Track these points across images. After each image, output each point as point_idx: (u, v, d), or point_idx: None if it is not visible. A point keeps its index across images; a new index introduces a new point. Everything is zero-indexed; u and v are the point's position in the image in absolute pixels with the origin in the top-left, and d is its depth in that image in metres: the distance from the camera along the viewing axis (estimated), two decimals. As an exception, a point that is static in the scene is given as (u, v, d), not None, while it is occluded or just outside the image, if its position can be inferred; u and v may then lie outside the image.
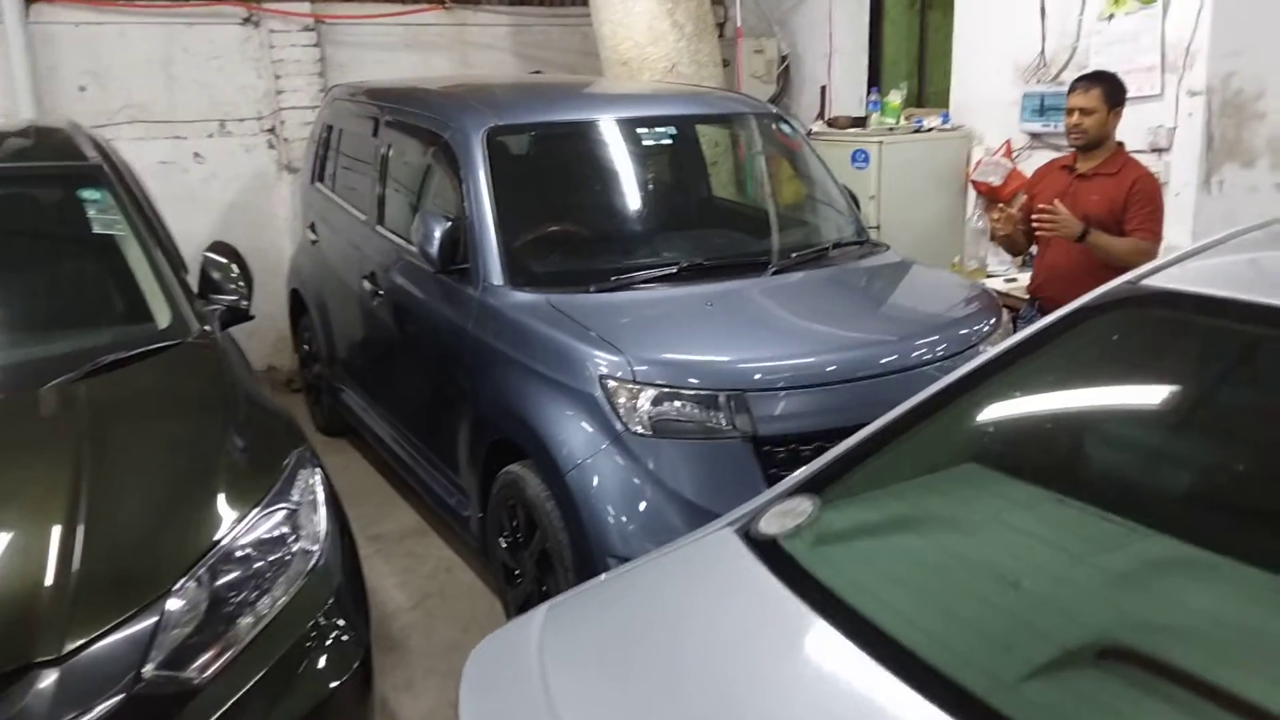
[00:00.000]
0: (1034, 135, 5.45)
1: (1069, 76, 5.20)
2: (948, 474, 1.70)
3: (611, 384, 3.12)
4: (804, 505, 1.60)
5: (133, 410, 2.60)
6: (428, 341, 4.09)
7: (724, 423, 3.09)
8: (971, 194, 5.77)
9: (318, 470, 2.53)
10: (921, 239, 5.53)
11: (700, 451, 3.11)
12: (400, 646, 3.70)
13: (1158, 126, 4.83)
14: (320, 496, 2.47)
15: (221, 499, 2.32)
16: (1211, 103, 4.73)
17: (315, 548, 2.36)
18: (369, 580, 4.08)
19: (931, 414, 1.73)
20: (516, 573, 3.60)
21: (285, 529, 2.33)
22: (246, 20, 6.17)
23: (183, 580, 2.15)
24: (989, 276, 5.21)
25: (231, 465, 2.42)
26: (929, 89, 6.55)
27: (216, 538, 2.24)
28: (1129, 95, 4.12)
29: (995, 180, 5.51)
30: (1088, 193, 4.01)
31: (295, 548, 2.34)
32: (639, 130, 4.13)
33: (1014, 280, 5.12)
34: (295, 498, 2.39)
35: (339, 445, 5.58)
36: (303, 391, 6.10)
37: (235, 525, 2.27)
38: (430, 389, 4.15)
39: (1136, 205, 3.92)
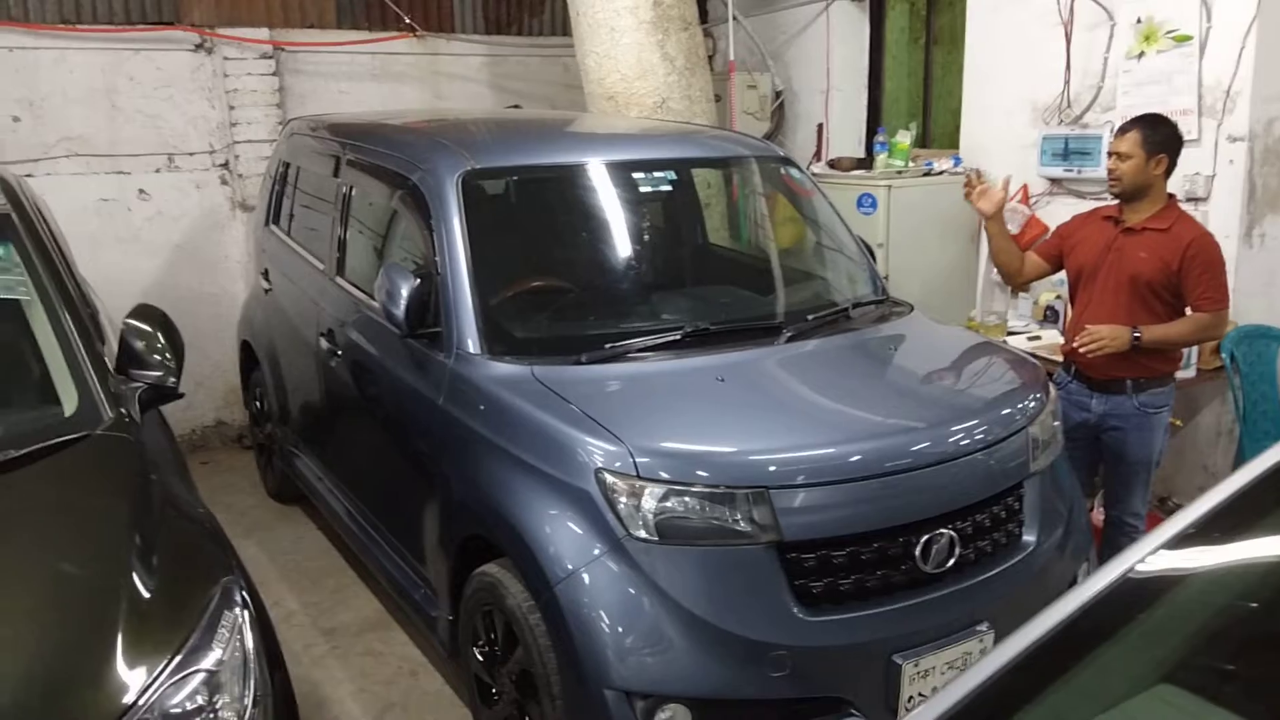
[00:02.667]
0: (1054, 181, 5.05)
1: (1092, 119, 4.84)
2: (1141, 705, 1.21)
3: (610, 478, 2.63)
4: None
5: (13, 534, 2.07)
6: (391, 412, 3.59)
7: (743, 525, 2.61)
8: (984, 243, 5.35)
9: (247, 609, 2.01)
10: (932, 290, 5.10)
11: (715, 560, 2.62)
12: (355, 776, 3.17)
13: (1194, 174, 4.43)
14: (250, 646, 1.95)
15: (121, 659, 1.80)
16: (1254, 149, 4.35)
17: (243, 717, 1.85)
18: (320, 687, 3.60)
19: (1105, 618, 1.24)
20: (494, 690, 3.08)
21: (203, 697, 1.81)
22: (199, 47, 5.67)
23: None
24: (1010, 334, 4.78)
25: (136, 610, 1.89)
26: (933, 129, 6.15)
27: (112, 714, 1.72)
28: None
29: (1011, 228, 5.08)
30: (1135, 249, 3.59)
31: (217, 717, 1.82)
32: (635, 175, 3.66)
33: (1038, 339, 4.69)
34: (217, 654, 1.88)
35: (291, 514, 5.06)
36: (254, 451, 5.56)
37: (138, 695, 1.75)
38: (394, 467, 3.63)
39: (1197, 272, 3.49)
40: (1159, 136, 3.54)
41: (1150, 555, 1.29)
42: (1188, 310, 3.59)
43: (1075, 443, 3.78)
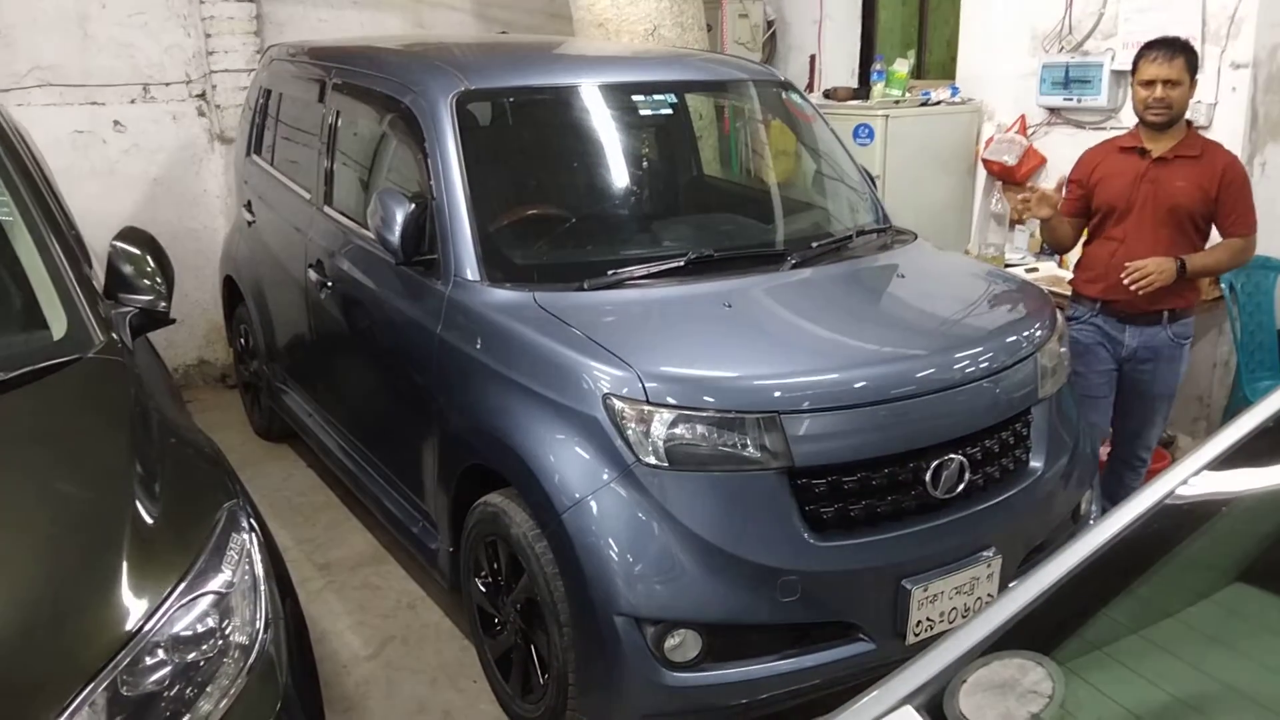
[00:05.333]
0: (1053, 110, 4.97)
1: (1093, 46, 4.76)
2: (1216, 604, 1.18)
3: (618, 404, 2.58)
4: (1032, 675, 1.06)
5: (10, 458, 1.99)
6: (386, 343, 3.51)
7: (754, 450, 2.57)
8: (982, 174, 5.29)
9: (254, 533, 1.95)
10: (929, 222, 4.99)
11: (726, 486, 2.58)
12: (357, 707, 3.14)
13: (1196, 102, 4.34)
14: (259, 569, 1.89)
15: (126, 583, 1.73)
16: (1257, 76, 4.29)
17: (254, 640, 1.79)
18: (319, 621, 3.55)
19: (1169, 528, 1.19)
20: (496, 621, 3.05)
21: (213, 619, 1.76)
22: (173, -28, 5.46)
23: (71, 703, 1.57)
24: (1007, 265, 4.73)
25: (141, 534, 1.82)
26: (928, 60, 6.04)
27: (119, 639, 1.66)
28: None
29: (1009, 159, 5.04)
30: (1171, 178, 3.47)
31: (228, 641, 1.77)
32: (635, 98, 3.56)
33: (1035, 270, 4.66)
34: (226, 574, 1.82)
35: (280, 451, 4.99)
36: (239, 389, 5.46)
37: (145, 619, 1.69)
38: (389, 399, 3.57)
39: (1232, 199, 3.43)
40: (1196, 60, 3.46)
41: (1195, 476, 1.25)
42: (1213, 236, 3.53)
43: (1101, 382, 3.67)
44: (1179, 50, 3.42)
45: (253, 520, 2.00)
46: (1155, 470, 4.05)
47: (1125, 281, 3.42)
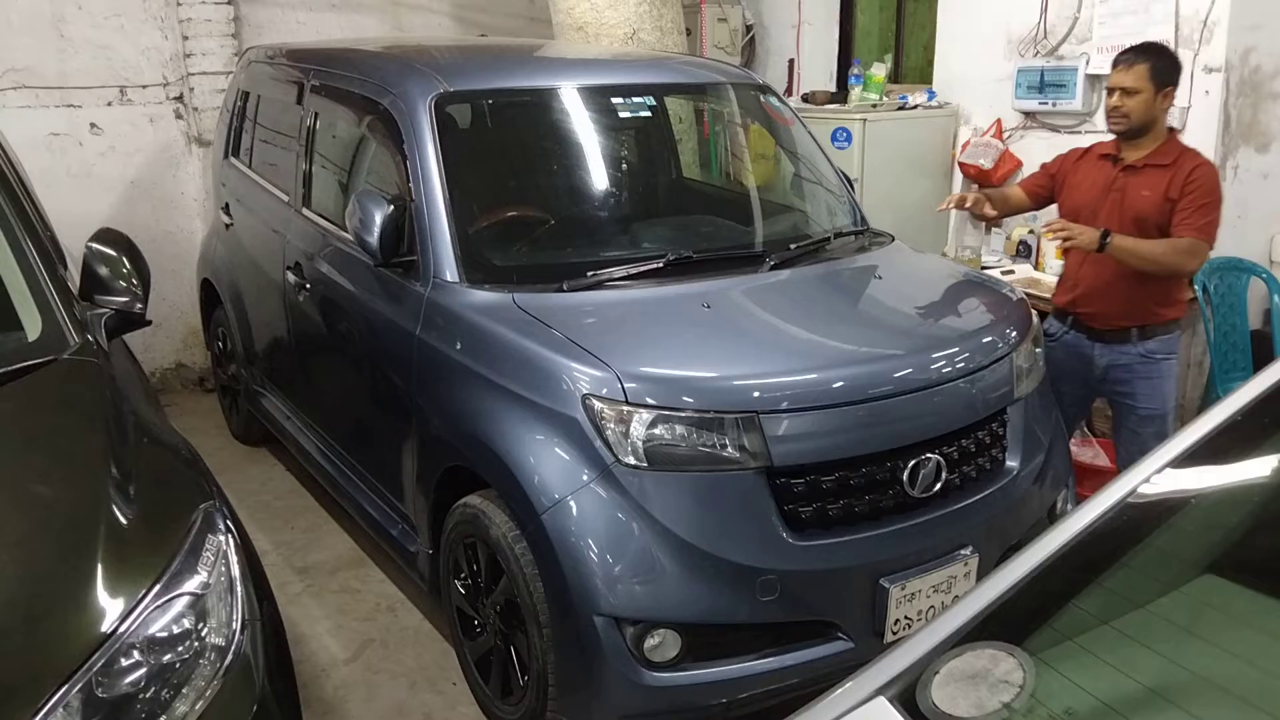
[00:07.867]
0: (1028, 114, 5.02)
1: (1068, 50, 4.81)
2: (1185, 595, 1.19)
3: (597, 405, 2.58)
4: (1004, 665, 1.07)
5: (-18, 458, 1.98)
6: (365, 345, 3.50)
7: (732, 450, 2.58)
8: (958, 177, 5.33)
9: (230, 535, 1.94)
10: (906, 225, 5.03)
11: (704, 486, 2.59)
12: (336, 711, 3.12)
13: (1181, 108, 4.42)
14: (235, 570, 1.88)
15: (101, 585, 1.72)
16: (1229, 80, 4.34)
17: (230, 642, 1.79)
18: (297, 624, 3.54)
19: (1144, 514, 1.20)
20: (476, 623, 3.05)
21: (189, 621, 1.75)
22: (150, -26, 5.43)
23: (45, 705, 1.56)
24: (983, 268, 4.77)
25: (116, 535, 1.81)
26: (905, 64, 6.09)
27: (94, 640, 1.65)
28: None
29: (985, 163, 5.08)
30: (1138, 187, 3.36)
31: (204, 643, 1.76)
32: (614, 100, 3.56)
33: (1010, 272, 4.71)
34: (202, 576, 1.81)
35: (258, 455, 4.96)
36: (217, 393, 5.43)
37: (120, 620, 1.68)
38: (368, 401, 3.56)
39: (1189, 196, 3.27)
40: (1167, 66, 3.32)
41: (1157, 474, 1.26)
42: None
43: (1064, 394, 3.57)
44: (1142, 56, 3.31)
45: (229, 521, 1.99)
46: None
47: (1043, 230, 3.35)
